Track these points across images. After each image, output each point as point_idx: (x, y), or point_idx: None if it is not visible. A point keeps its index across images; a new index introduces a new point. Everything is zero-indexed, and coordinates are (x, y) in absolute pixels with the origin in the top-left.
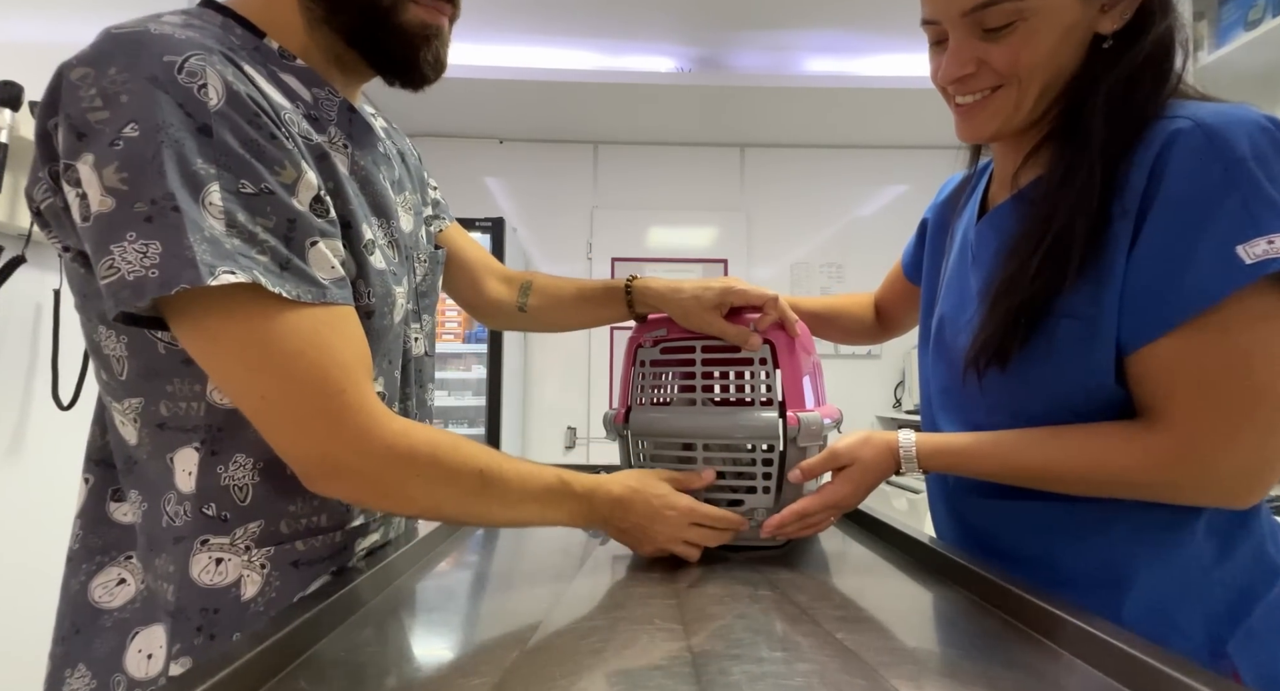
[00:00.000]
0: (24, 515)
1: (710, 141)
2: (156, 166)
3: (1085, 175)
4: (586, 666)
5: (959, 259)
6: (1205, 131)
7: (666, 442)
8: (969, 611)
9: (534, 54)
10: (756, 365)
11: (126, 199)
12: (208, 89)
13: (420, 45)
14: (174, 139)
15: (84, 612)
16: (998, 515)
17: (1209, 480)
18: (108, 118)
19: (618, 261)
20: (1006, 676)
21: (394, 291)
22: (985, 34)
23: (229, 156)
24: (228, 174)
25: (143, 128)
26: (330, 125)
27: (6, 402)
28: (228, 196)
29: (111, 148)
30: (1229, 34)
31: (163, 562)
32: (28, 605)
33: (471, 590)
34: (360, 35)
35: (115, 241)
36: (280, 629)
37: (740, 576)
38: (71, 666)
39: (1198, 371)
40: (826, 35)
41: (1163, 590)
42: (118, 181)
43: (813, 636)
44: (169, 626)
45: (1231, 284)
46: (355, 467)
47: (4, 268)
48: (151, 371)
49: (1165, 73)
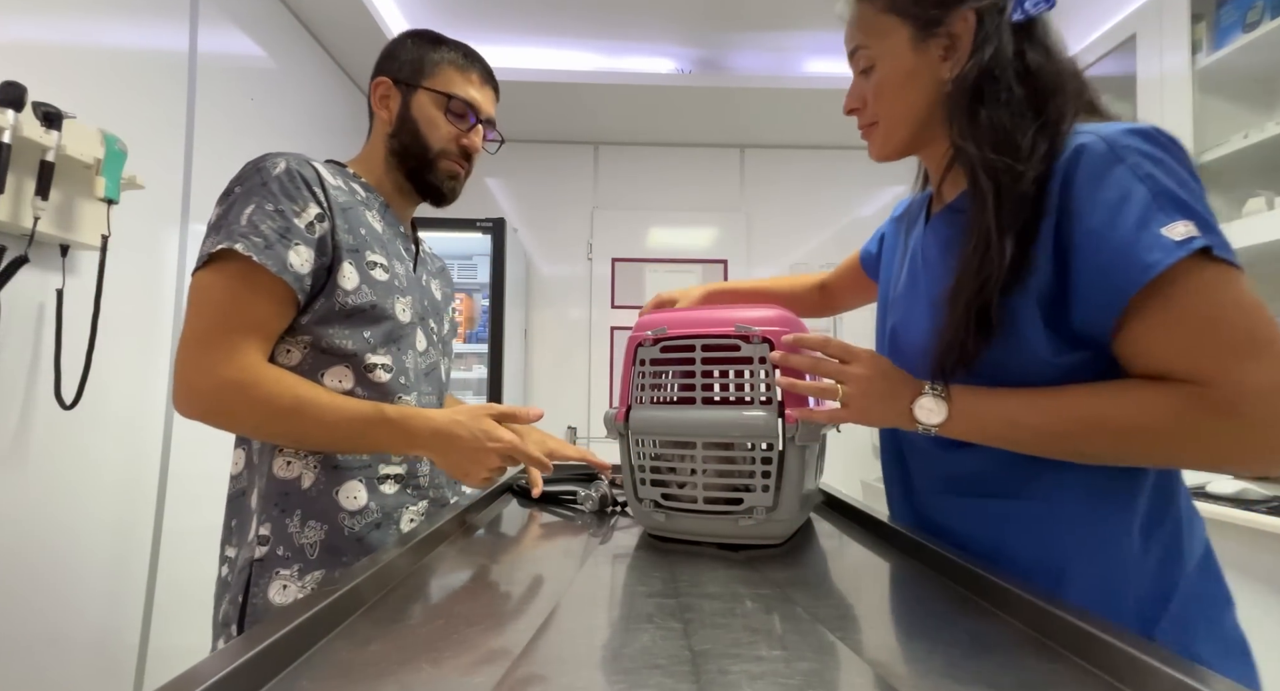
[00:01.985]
0: (26, 514)
1: (710, 142)
2: (233, 203)
3: (987, 193)
4: (586, 665)
5: (910, 268)
6: (1106, 141)
7: (666, 441)
8: (969, 611)
9: (535, 55)
10: (756, 364)
11: (216, 219)
12: (278, 167)
13: (447, 181)
14: (248, 191)
15: (243, 511)
16: (953, 511)
17: (1255, 413)
18: (230, 185)
19: (618, 262)
20: (1006, 676)
21: (397, 299)
22: (862, 76)
23: (268, 194)
24: (262, 201)
25: (241, 188)
26: (373, 208)
27: (9, 402)
28: (256, 211)
29: (226, 196)
30: (1228, 35)
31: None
32: (28, 604)
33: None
34: (413, 172)
35: (205, 238)
36: (280, 629)
37: (740, 576)
38: (241, 534)
39: (1186, 342)
40: (827, 36)
41: (1100, 579)
42: (217, 212)
43: (812, 636)
44: (258, 507)
45: (1171, 257)
46: (200, 391)
47: (7, 267)
48: None
49: (1040, 103)
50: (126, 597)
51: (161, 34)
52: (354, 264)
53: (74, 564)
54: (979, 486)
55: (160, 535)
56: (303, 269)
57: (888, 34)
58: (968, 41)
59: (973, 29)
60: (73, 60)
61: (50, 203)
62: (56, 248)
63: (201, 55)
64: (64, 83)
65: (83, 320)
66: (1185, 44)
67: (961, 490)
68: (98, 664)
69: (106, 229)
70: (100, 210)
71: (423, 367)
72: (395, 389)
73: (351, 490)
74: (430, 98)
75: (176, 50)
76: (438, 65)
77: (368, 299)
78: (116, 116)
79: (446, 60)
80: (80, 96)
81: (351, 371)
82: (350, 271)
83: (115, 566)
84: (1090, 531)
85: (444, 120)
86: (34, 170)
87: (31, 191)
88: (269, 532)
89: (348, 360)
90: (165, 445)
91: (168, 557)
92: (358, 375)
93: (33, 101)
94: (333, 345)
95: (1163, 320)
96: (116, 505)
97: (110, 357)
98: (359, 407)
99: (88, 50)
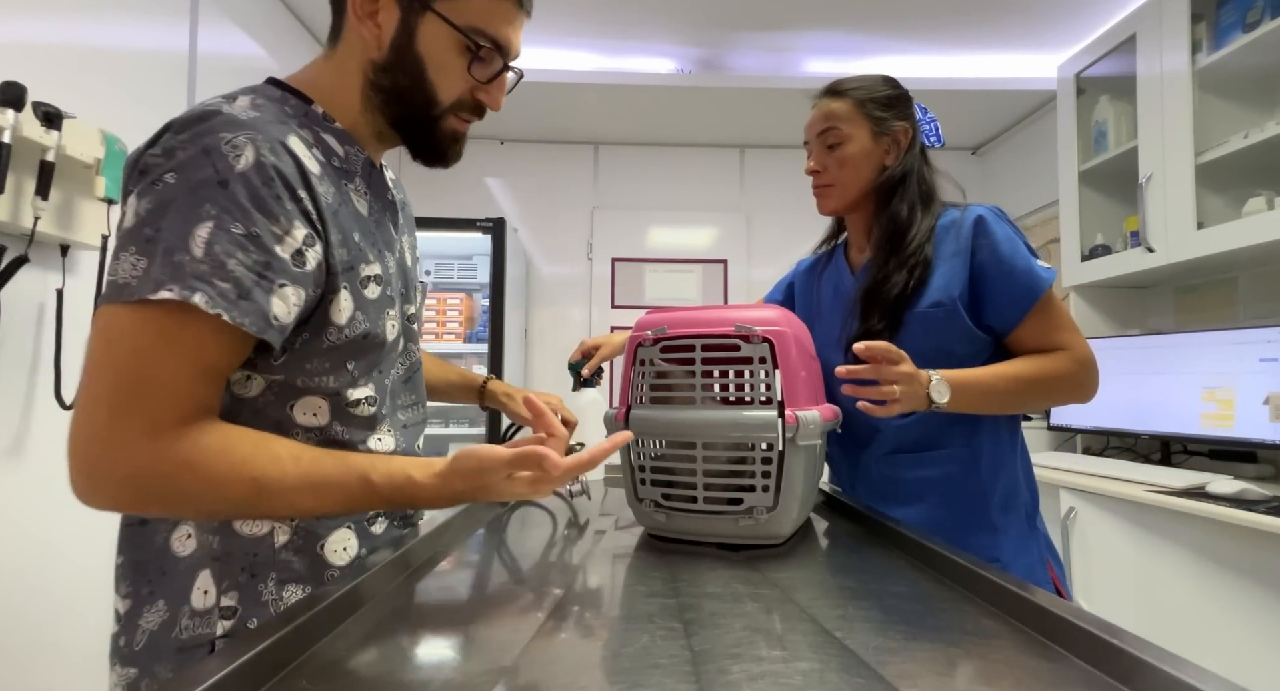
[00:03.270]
0: (26, 513)
1: (710, 142)
2: (172, 207)
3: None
4: (586, 665)
5: (833, 302)
6: (993, 212)
7: (666, 441)
8: (969, 611)
9: (535, 55)
10: (756, 364)
11: (141, 223)
12: (241, 158)
13: (450, 144)
14: (194, 190)
15: (165, 559)
16: (901, 464)
17: (1093, 372)
18: (160, 163)
19: (618, 262)
20: (1006, 676)
21: (387, 314)
22: (827, 150)
23: (233, 205)
24: (226, 217)
25: (178, 178)
26: (356, 177)
27: (9, 401)
28: (217, 234)
29: (152, 186)
30: (1227, 35)
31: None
32: (28, 604)
33: (471, 590)
34: (406, 125)
35: (122, 249)
36: (280, 629)
37: (740, 576)
38: (151, 603)
39: (1052, 328)
40: (826, 36)
41: (1005, 492)
42: (143, 210)
43: (813, 636)
44: (214, 570)
45: (1046, 283)
46: (112, 478)
47: (7, 267)
48: None
49: (927, 199)
50: None
51: (161, 34)
52: (348, 288)
53: (74, 564)
54: (923, 443)
55: None
56: (289, 318)
57: (858, 125)
58: (904, 145)
59: (907, 138)
60: (73, 60)
61: (50, 203)
62: (56, 248)
63: (201, 55)
64: (64, 83)
65: (83, 320)
66: (1185, 44)
67: (908, 448)
68: (97, 664)
69: (106, 229)
70: (100, 210)
71: (402, 376)
72: (376, 422)
73: (340, 541)
74: (447, 31)
75: (176, 50)
76: None
77: (361, 329)
78: (116, 116)
79: None
80: (80, 96)
81: (328, 406)
82: (345, 300)
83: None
84: (997, 463)
85: (462, 66)
86: (34, 170)
87: (31, 191)
88: (235, 603)
89: (325, 395)
90: None
91: None
92: (335, 410)
93: (33, 101)
94: (309, 383)
95: (1046, 317)
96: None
97: None
98: (343, 483)
99: (88, 50)
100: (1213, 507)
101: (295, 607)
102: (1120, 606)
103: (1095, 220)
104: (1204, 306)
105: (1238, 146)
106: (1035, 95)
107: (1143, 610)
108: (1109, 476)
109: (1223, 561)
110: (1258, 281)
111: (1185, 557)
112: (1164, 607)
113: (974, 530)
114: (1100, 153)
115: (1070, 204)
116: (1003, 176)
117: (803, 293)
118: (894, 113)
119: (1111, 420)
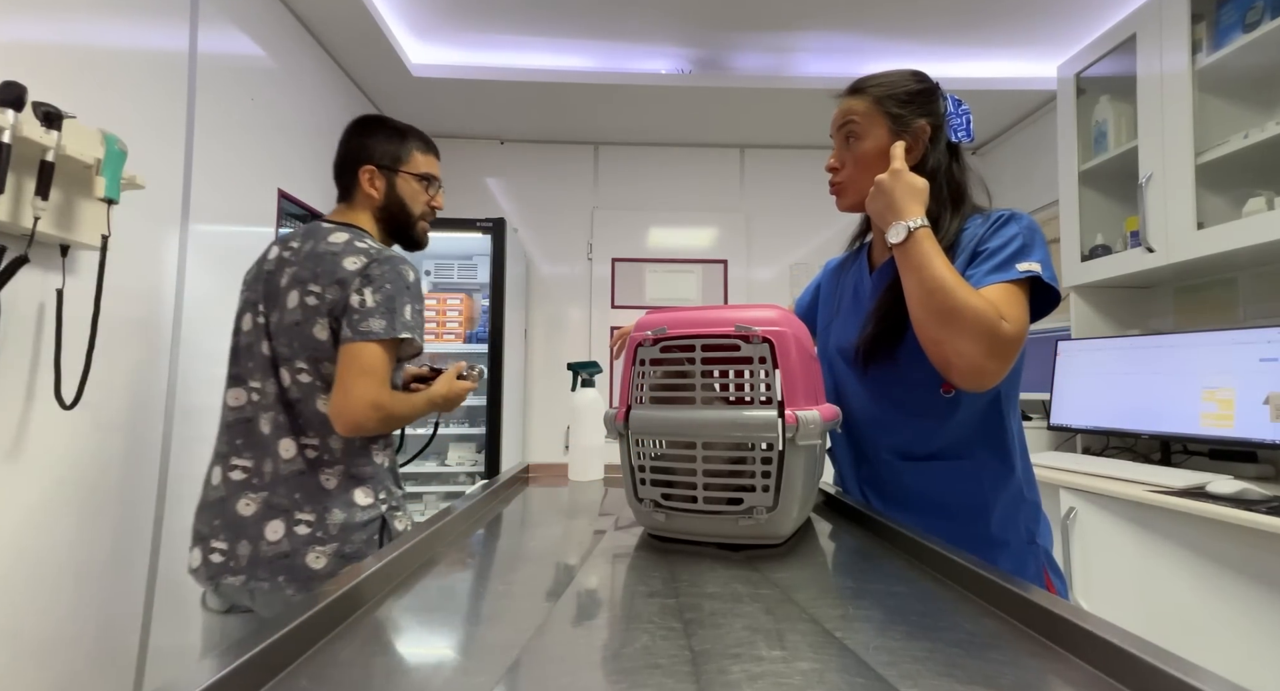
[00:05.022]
0: (26, 513)
1: (710, 142)
2: (395, 296)
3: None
4: (586, 665)
5: (854, 301)
6: (1015, 215)
7: (666, 441)
8: (969, 610)
9: (535, 55)
10: (756, 364)
11: (379, 303)
12: (410, 274)
13: (423, 237)
14: (400, 289)
15: (320, 490)
16: (904, 471)
17: (1001, 340)
18: (381, 275)
19: (618, 262)
20: (1006, 675)
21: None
22: (846, 146)
23: (416, 296)
24: (413, 302)
25: (390, 287)
26: None
27: (9, 402)
28: (412, 308)
29: (380, 286)
30: (1227, 36)
31: None
32: (29, 604)
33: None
34: (399, 235)
35: (369, 316)
36: (280, 628)
37: (740, 575)
38: (330, 510)
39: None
40: (826, 37)
41: (1006, 509)
42: (381, 296)
43: (813, 636)
44: (361, 489)
45: (1018, 274)
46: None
47: (7, 267)
48: None
49: (956, 200)
50: (126, 597)
51: (161, 34)
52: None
53: (74, 564)
54: (926, 452)
55: (160, 535)
56: (422, 342)
57: (875, 122)
58: (924, 142)
59: (927, 135)
60: (73, 60)
61: (50, 203)
62: (56, 248)
63: (201, 55)
64: (64, 83)
65: (83, 320)
66: (1185, 44)
67: (912, 456)
68: (98, 664)
69: (106, 229)
70: (100, 210)
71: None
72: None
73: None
74: (408, 178)
75: (176, 50)
76: (411, 152)
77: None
78: (116, 116)
79: (414, 147)
80: (80, 96)
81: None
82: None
83: (115, 566)
84: (999, 477)
85: (422, 194)
86: (34, 170)
87: (31, 191)
88: (386, 497)
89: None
90: (165, 445)
91: (168, 557)
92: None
93: (33, 101)
94: (399, 368)
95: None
96: (116, 505)
97: (110, 357)
98: (428, 400)
99: (88, 50)
100: (1213, 507)
101: (295, 607)
102: (1120, 606)
103: (1095, 220)
104: (1204, 306)
105: (1238, 146)
106: (1035, 95)
107: (1143, 610)
108: (1109, 476)
109: (1223, 561)
110: (1258, 281)
111: (1185, 557)
112: (1164, 607)
113: (971, 543)
114: (1100, 153)
115: (1070, 204)
116: (1003, 176)
117: (826, 292)
118: (914, 109)
119: (1111, 420)
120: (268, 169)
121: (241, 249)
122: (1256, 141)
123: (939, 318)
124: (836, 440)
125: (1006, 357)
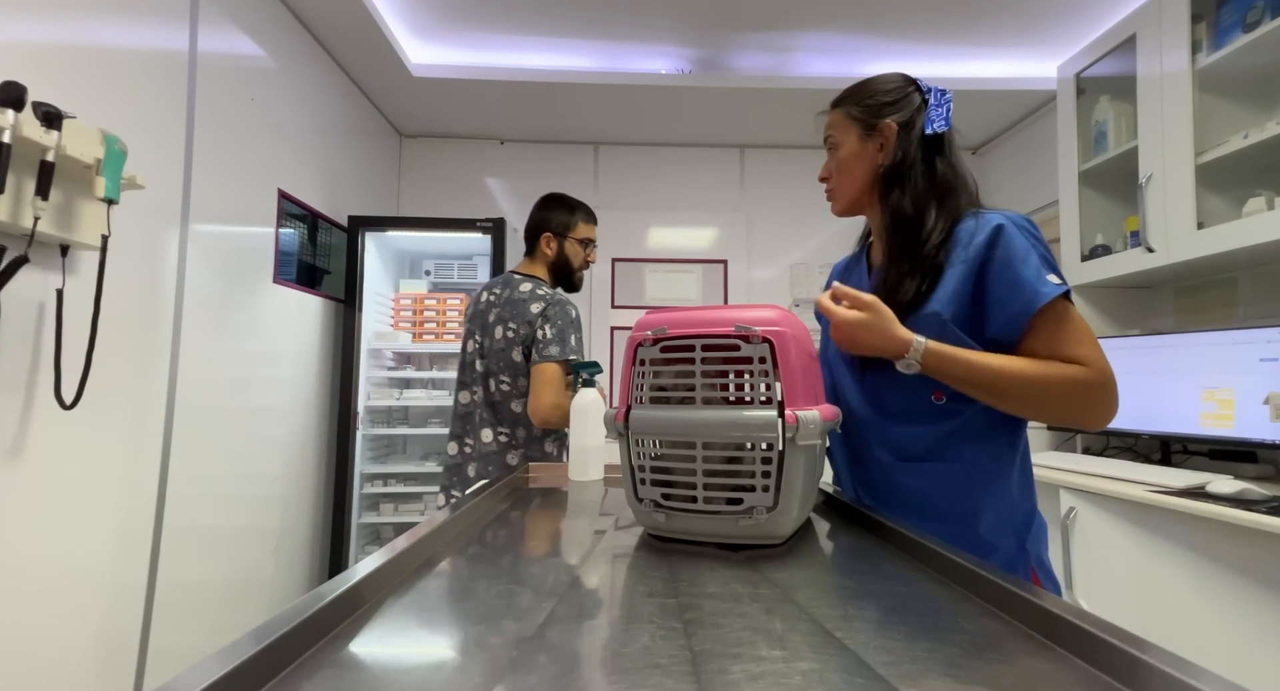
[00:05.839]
0: (26, 513)
1: (710, 142)
2: (566, 328)
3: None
4: (586, 665)
5: None
6: (1016, 220)
7: (666, 441)
8: (969, 611)
9: (535, 55)
10: (756, 364)
11: (558, 332)
12: (574, 311)
13: (579, 285)
14: (569, 323)
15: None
16: (899, 471)
17: (1103, 393)
18: (555, 314)
19: (618, 262)
20: (1006, 676)
21: None
22: (831, 155)
23: (579, 328)
24: (578, 333)
25: (563, 319)
26: None
27: (9, 402)
28: (577, 337)
29: (555, 320)
30: (1227, 35)
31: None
32: (29, 604)
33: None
34: (564, 281)
35: (548, 345)
36: (280, 629)
37: (740, 576)
38: (505, 454)
39: (1063, 342)
40: (826, 37)
41: (998, 513)
42: (557, 328)
43: (813, 636)
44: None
45: (1046, 296)
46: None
47: (7, 267)
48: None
49: (942, 196)
50: (126, 597)
51: (161, 34)
52: None
53: (74, 563)
54: (921, 454)
55: (160, 535)
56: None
57: (847, 130)
58: (893, 142)
59: (895, 134)
60: (73, 60)
61: (50, 203)
62: (56, 248)
63: (201, 55)
64: (64, 83)
65: (83, 320)
66: (1185, 44)
67: (905, 457)
68: (98, 664)
69: (106, 229)
70: (100, 210)
71: None
72: None
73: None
74: (573, 242)
75: (176, 50)
76: (577, 222)
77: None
78: (116, 116)
79: (579, 218)
80: (80, 96)
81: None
82: None
83: (115, 566)
84: (992, 481)
85: (581, 253)
86: (34, 170)
87: (31, 191)
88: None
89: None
90: (165, 445)
91: (168, 557)
92: None
93: (33, 101)
94: None
95: (1055, 330)
96: (116, 505)
97: (110, 357)
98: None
99: (88, 50)
100: (1213, 507)
101: (295, 607)
102: (1120, 606)
103: (1095, 220)
104: (1204, 306)
105: (1238, 146)
106: (1035, 95)
107: (1143, 610)
108: (1109, 476)
109: (1222, 561)
110: (1258, 281)
111: (1185, 557)
112: (1164, 607)
113: (960, 546)
114: (1100, 153)
115: (1070, 204)
116: (1003, 176)
117: None
118: (880, 110)
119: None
120: (268, 169)
121: (241, 249)
122: (1256, 141)
123: (1024, 408)
124: (834, 440)
125: (1107, 395)
